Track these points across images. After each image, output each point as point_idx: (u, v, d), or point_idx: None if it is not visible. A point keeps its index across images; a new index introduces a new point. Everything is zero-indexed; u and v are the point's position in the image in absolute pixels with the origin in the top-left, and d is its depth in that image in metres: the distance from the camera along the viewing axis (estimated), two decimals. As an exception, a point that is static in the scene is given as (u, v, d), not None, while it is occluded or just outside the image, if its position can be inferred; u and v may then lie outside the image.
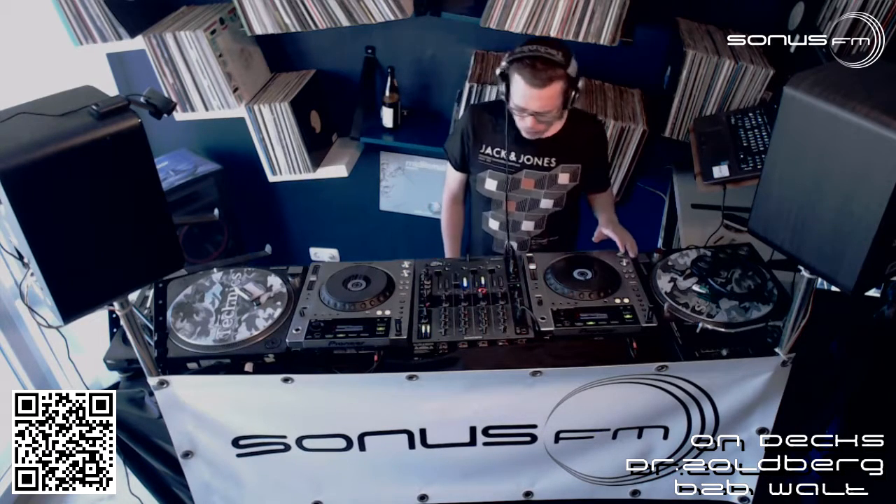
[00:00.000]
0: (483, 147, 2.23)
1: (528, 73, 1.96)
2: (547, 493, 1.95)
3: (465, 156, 2.30)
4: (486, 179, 2.27)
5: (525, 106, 2.01)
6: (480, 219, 2.40)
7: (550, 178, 2.22)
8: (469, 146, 2.26)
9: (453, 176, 2.41)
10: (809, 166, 1.33)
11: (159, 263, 1.46)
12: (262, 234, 3.71)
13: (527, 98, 1.99)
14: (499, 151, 2.21)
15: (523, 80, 1.97)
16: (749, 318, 1.81)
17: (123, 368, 1.91)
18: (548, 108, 2.01)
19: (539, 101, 1.99)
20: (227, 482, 1.90)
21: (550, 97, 1.99)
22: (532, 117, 2.03)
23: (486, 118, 2.23)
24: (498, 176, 2.24)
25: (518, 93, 2.00)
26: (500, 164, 2.22)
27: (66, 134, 1.23)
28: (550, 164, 2.20)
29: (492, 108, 2.24)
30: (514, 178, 2.23)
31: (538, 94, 1.97)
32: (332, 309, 1.88)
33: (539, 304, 1.88)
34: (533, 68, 1.95)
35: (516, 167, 2.21)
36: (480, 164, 2.26)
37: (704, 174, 2.41)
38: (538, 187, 2.24)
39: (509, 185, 2.23)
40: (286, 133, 2.95)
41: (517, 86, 1.99)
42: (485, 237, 2.41)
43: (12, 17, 2.73)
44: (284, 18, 2.66)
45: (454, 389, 1.74)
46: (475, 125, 2.24)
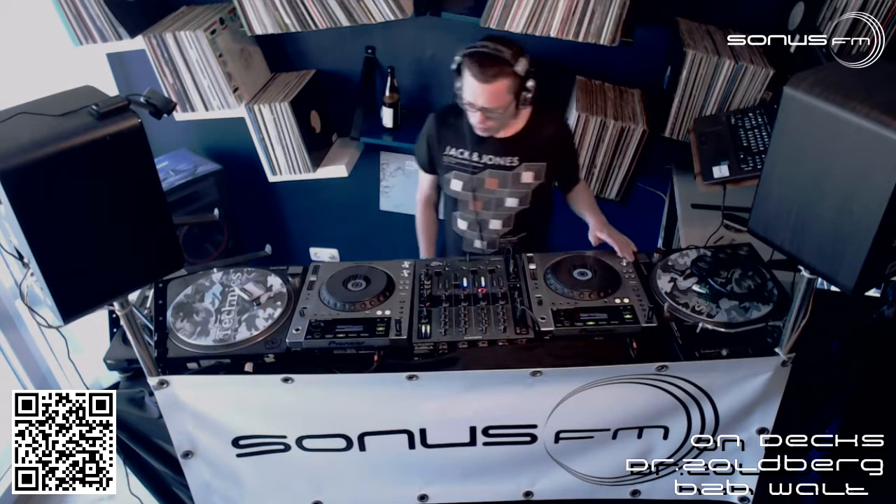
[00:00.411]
0: (447, 149, 2.27)
1: (475, 68, 2.00)
2: (547, 493, 1.95)
3: (431, 158, 2.34)
4: (451, 180, 2.30)
5: (473, 101, 2.05)
6: (451, 219, 2.43)
7: (514, 177, 2.24)
8: (434, 148, 2.31)
9: (424, 178, 2.46)
10: (809, 166, 1.33)
11: (159, 263, 1.46)
12: (262, 234, 3.71)
13: (474, 93, 2.03)
14: (462, 152, 2.25)
15: (471, 74, 2.01)
16: (749, 318, 1.81)
17: (123, 368, 1.91)
18: (494, 105, 2.04)
19: (485, 97, 2.02)
20: (227, 482, 1.90)
21: (496, 93, 2.02)
22: (480, 113, 2.06)
23: (448, 120, 2.26)
24: (462, 176, 2.27)
25: (467, 87, 2.04)
26: (463, 164, 2.26)
27: (66, 134, 1.23)
28: (513, 163, 2.22)
29: (454, 110, 2.27)
30: (477, 177, 2.26)
31: (484, 88, 2.00)
32: (332, 309, 1.88)
33: (539, 304, 1.88)
34: (480, 64, 1.99)
35: (479, 167, 2.24)
36: (445, 166, 2.30)
37: (704, 174, 2.41)
38: (502, 186, 2.26)
39: (474, 184, 2.27)
40: (286, 133, 2.95)
41: (466, 80, 2.04)
42: (455, 237, 2.45)
43: (12, 17, 2.73)
44: (284, 18, 2.66)
45: (454, 389, 1.74)
46: (438, 128, 2.28)
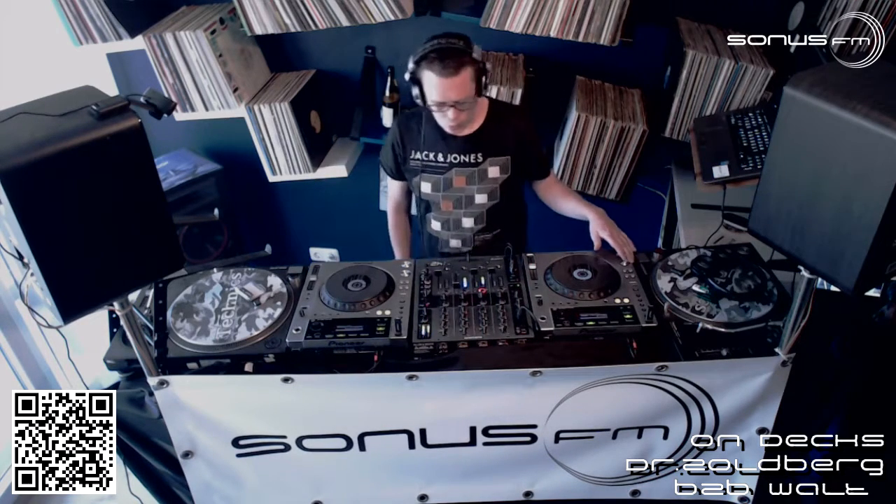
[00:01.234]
0: (413, 153, 2.29)
1: (437, 66, 2.01)
2: (547, 493, 1.95)
3: (398, 164, 2.36)
4: (421, 183, 2.32)
5: (443, 99, 2.05)
6: (425, 221, 2.44)
7: (480, 172, 2.25)
8: (399, 154, 2.32)
9: (394, 185, 2.47)
10: (809, 166, 1.33)
11: (159, 263, 1.46)
12: (262, 234, 3.71)
13: (443, 90, 2.03)
14: (427, 154, 2.26)
15: (434, 73, 2.02)
16: (749, 318, 1.81)
17: (123, 368, 1.91)
18: (464, 96, 2.05)
19: (455, 90, 2.03)
20: (227, 482, 1.90)
21: (464, 83, 2.03)
22: (453, 108, 2.07)
23: (411, 125, 2.28)
24: (431, 178, 2.29)
25: (432, 88, 2.05)
26: (430, 166, 2.27)
27: (66, 134, 1.23)
28: (478, 159, 2.23)
29: (416, 114, 2.29)
30: (445, 177, 2.27)
31: (452, 82, 2.02)
32: (332, 309, 1.88)
33: (539, 304, 1.88)
34: (441, 60, 2.00)
35: (445, 167, 2.26)
36: (413, 170, 2.31)
37: (704, 174, 2.41)
38: (470, 183, 2.27)
39: (443, 184, 2.28)
40: (286, 133, 2.95)
41: (430, 81, 2.04)
42: (430, 239, 2.46)
43: (12, 17, 2.73)
44: (284, 18, 2.66)
45: (454, 389, 1.74)
46: (402, 133, 2.30)
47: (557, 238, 2.18)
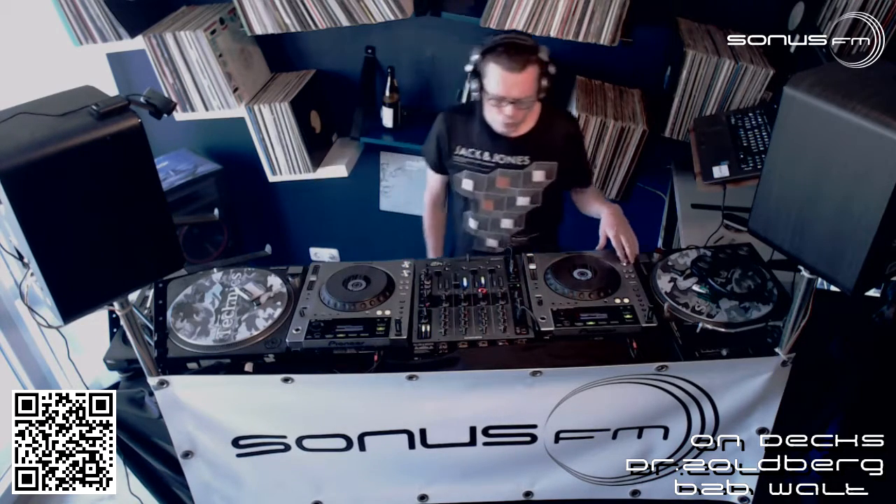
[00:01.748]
0: (458, 148, 2.27)
1: (504, 60, 1.99)
2: (547, 493, 1.95)
3: (441, 158, 2.34)
4: (462, 180, 2.30)
5: (504, 94, 2.03)
6: (461, 218, 2.43)
7: (525, 175, 2.24)
8: (444, 148, 2.30)
9: (433, 178, 2.45)
10: (809, 166, 1.33)
11: (159, 263, 1.46)
12: (262, 234, 3.71)
13: (506, 85, 2.01)
14: (473, 151, 2.24)
15: (500, 67, 2.00)
16: (749, 318, 1.81)
17: (123, 368, 1.91)
18: (526, 94, 2.04)
19: (518, 87, 2.02)
20: (227, 482, 1.90)
21: (528, 81, 2.02)
22: (512, 105, 2.05)
23: (458, 120, 2.26)
24: (474, 176, 2.27)
25: (495, 81, 2.03)
26: (475, 164, 2.26)
27: (66, 134, 1.23)
28: (524, 162, 2.22)
29: (464, 109, 2.28)
30: (489, 177, 2.26)
31: (516, 78, 2.00)
32: (332, 309, 1.88)
33: (539, 304, 1.88)
34: (508, 54, 1.99)
35: (491, 166, 2.24)
36: (456, 165, 2.29)
37: (704, 174, 2.41)
38: (513, 185, 2.26)
39: (485, 184, 2.27)
40: (286, 133, 2.95)
41: (493, 75, 2.02)
42: (465, 236, 2.45)
43: (12, 17, 2.73)
44: (284, 18, 2.66)
45: (454, 389, 1.74)
46: (449, 127, 2.27)
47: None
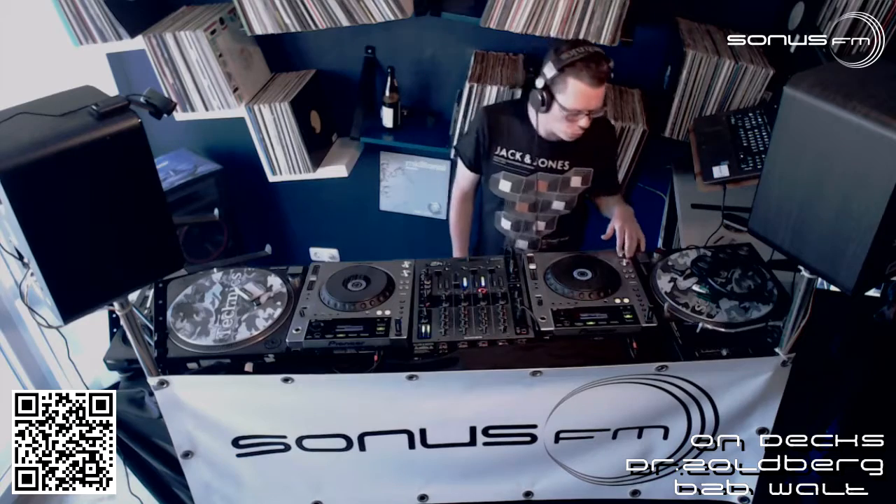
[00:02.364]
0: (498, 149, 2.25)
1: (587, 75, 1.96)
2: (547, 493, 1.95)
3: (478, 156, 2.31)
4: (500, 181, 2.29)
5: (584, 107, 2.01)
6: (493, 217, 2.42)
7: (563, 181, 2.25)
8: (484, 147, 2.27)
9: (465, 175, 2.42)
10: (809, 166, 1.33)
11: (159, 263, 1.46)
12: (262, 234, 3.71)
13: (587, 98, 2.00)
14: (514, 153, 2.23)
15: (582, 82, 1.97)
16: (749, 318, 1.81)
17: (123, 368, 1.91)
18: (602, 105, 2.05)
19: (596, 100, 2.02)
20: (227, 482, 1.90)
21: (604, 93, 2.03)
22: (587, 117, 2.04)
23: (501, 120, 2.24)
24: (512, 178, 2.26)
25: (575, 96, 1.99)
26: (514, 166, 2.25)
27: (66, 134, 1.23)
28: (564, 167, 2.22)
29: (506, 109, 2.26)
30: (528, 179, 2.25)
31: (597, 93, 2.00)
32: (332, 309, 1.88)
33: (539, 304, 1.88)
34: (589, 69, 1.96)
35: (531, 169, 2.23)
36: (494, 165, 2.28)
37: (704, 174, 2.41)
38: (551, 190, 2.27)
39: (524, 186, 2.26)
40: (286, 133, 2.95)
41: (574, 90, 1.99)
42: (496, 235, 2.44)
43: (12, 17, 2.73)
44: (284, 18, 2.66)
45: (454, 389, 1.74)
46: (491, 126, 2.24)
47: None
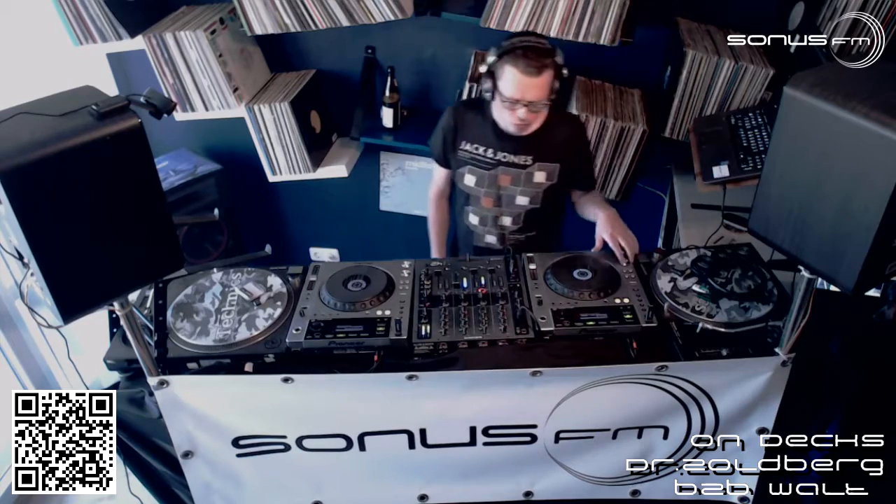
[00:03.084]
0: (463, 143, 2.29)
1: (522, 63, 2.00)
2: (547, 493, 1.95)
3: (446, 152, 2.36)
4: (465, 175, 2.32)
5: (520, 96, 2.05)
6: (463, 213, 2.45)
7: (526, 175, 2.26)
8: (450, 142, 2.32)
9: (439, 172, 2.48)
10: (809, 166, 1.33)
11: (159, 263, 1.46)
12: (262, 234, 3.71)
13: (522, 88, 2.03)
14: (477, 148, 2.26)
15: (517, 70, 2.01)
16: (749, 318, 1.81)
17: (123, 368, 1.91)
18: (541, 97, 2.06)
19: (534, 90, 2.04)
20: (227, 482, 1.90)
21: (543, 85, 2.04)
22: (525, 108, 2.07)
23: (467, 115, 2.28)
24: (477, 172, 2.29)
25: (511, 84, 2.04)
26: (478, 160, 2.28)
27: (66, 134, 1.23)
28: (527, 161, 2.24)
29: (472, 105, 2.30)
30: (490, 174, 2.28)
31: (533, 82, 2.02)
32: (332, 309, 1.88)
33: (539, 304, 1.88)
34: (526, 58, 2.00)
35: (493, 163, 2.26)
36: (460, 160, 2.32)
37: (704, 174, 2.41)
38: (514, 184, 2.28)
39: (487, 180, 2.29)
40: (286, 133, 2.95)
41: (509, 77, 2.03)
42: (467, 231, 2.47)
43: (12, 17, 2.73)
44: (284, 18, 2.66)
45: (454, 389, 1.74)
46: (456, 122, 2.30)
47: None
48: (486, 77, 2.09)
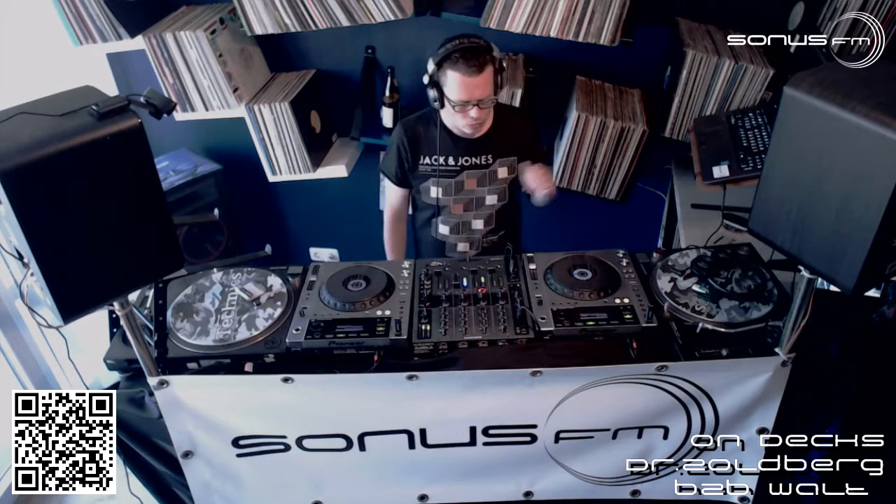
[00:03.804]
0: (422, 158, 2.30)
1: (462, 65, 2.04)
2: (547, 493, 1.95)
3: (404, 171, 2.36)
4: (430, 188, 2.33)
5: (468, 97, 2.08)
6: (429, 226, 2.45)
7: (490, 174, 2.30)
8: (408, 161, 2.32)
9: (395, 193, 2.45)
10: (809, 166, 1.33)
11: (159, 263, 1.46)
12: (262, 234, 3.71)
13: (468, 89, 2.07)
14: (437, 159, 2.28)
15: (459, 72, 2.05)
16: (749, 318, 1.81)
17: (123, 368, 1.91)
18: (487, 93, 2.10)
19: (479, 89, 2.07)
20: (227, 482, 1.90)
21: (487, 81, 2.08)
22: (476, 107, 2.10)
23: (418, 130, 2.30)
24: (441, 182, 2.31)
25: (456, 87, 2.07)
26: (441, 170, 2.29)
27: (66, 134, 1.23)
28: (488, 160, 2.28)
29: (422, 119, 2.31)
30: (456, 181, 2.31)
31: (477, 80, 2.06)
32: (332, 309, 1.88)
33: (539, 304, 1.88)
34: (465, 59, 2.04)
35: (457, 170, 2.29)
36: (421, 175, 2.33)
37: (704, 174, 2.41)
38: (481, 185, 2.32)
39: (454, 188, 2.31)
40: (286, 133, 2.95)
41: (453, 81, 2.07)
42: (435, 244, 2.47)
43: (12, 17, 2.73)
44: (284, 18, 2.66)
45: (454, 389, 1.74)
46: (410, 139, 2.30)
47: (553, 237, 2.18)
48: (431, 87, 2.12)
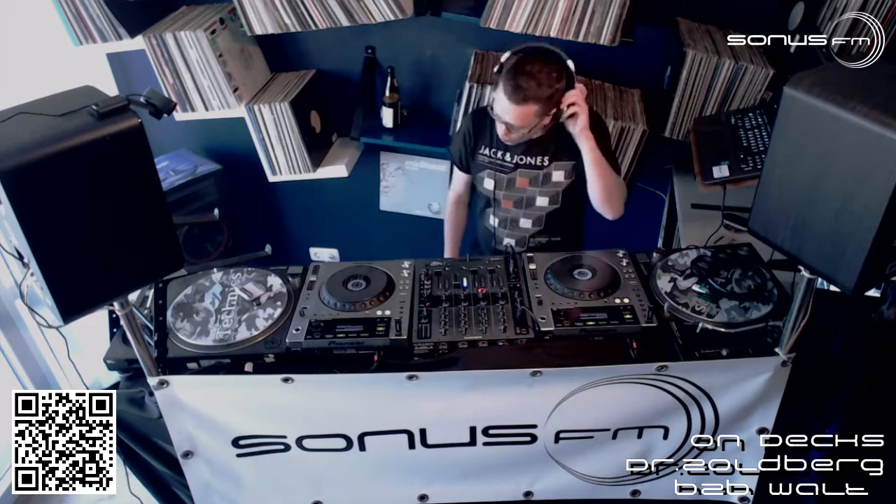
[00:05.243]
0: (481, 147, 2.30)
1: (509, 88, 2.01)
2: (547, 493, 1.95)
3: (466, 157, 2.36)
4: (484, 179, 2.33)
5: (501, 115, 2.08)
6: (484, 215, 2.45)
7: (545, 176, 2.26)
8: (469, 147, 2.33)
9: (458, 177, 2.49)
10: (809, 166, 1.33)
11: (159, 263, 1.46)
12: (262, 234, 3.71)
13: (503, 109, 2.06)
14: (494, 152, 2.27)
15: (503, 92, 2.03)
16: (749, 318, 1.81)
17: (123, 368, 1.91)
18: (522, 125, 2.07)
19: (511, 115, 2.05)
20: (227, 482, 1.90)
21: (524, 115, 2.04)
22: (505, 126, 2.10)
23: (485, 120, 2.27)
24: (495, 175, 2.30)
25: (498, 100, 2.07)
26: (496, 163, 2.28)
27: (66, 134, 1.23)
28: (543, 162, 2.24)
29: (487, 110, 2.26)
30: (509, 177, 2.28)
31: (512, 109, 2.03)
32: (332, 309, 1.88)
33: (539, 304, 1.88)
34: (515, 84, 2.01)
35: (510, 167, 2.26)
36: (479, 165, 2.33)
37: (704, 174, 2.41)
38: (533, 185, 2.28)
39: (505, 183, 2.29)
40: (286, 133, 2.95)
41: (498, 94, 2.06)
42: (486, 233, 2.47)
43: (12, 17, 2.73)
44: (284, 18, 2.66)
45: (454, 389, 1.74)
46: (475, 126, 2.31)
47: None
48: (494, 86, 2.10)
